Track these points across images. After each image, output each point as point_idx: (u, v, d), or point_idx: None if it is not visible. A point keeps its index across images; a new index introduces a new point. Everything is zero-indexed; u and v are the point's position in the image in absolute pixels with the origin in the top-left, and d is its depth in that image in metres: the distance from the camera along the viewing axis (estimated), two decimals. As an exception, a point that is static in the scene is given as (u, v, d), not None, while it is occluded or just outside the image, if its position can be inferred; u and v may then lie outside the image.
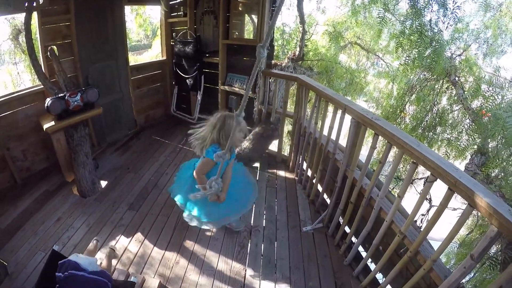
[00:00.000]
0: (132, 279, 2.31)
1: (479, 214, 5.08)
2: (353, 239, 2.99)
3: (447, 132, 5.96)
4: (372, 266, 2.72)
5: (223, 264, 3.05)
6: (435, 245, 2.06)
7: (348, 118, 2.88)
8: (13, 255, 3.16)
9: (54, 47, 4.10)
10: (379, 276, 2.68)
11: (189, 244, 3.29)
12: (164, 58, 6.07)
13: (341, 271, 2.93)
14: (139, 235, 3.40)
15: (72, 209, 3.77)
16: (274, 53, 6.70)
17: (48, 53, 4.00)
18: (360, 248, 2.96)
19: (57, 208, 3.82)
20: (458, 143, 5.47)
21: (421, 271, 2.02)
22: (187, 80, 5.58)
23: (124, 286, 2.29)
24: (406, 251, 2.17)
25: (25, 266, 3.04)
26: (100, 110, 4.23)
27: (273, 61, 4.72)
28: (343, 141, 3.17)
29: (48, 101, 3.70)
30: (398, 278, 2.35)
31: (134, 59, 10.86)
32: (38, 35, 4.10)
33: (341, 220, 3.21)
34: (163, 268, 3.01)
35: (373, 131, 2.51)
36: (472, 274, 4.38)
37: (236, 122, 2.01)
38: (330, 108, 3.54)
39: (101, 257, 2.88)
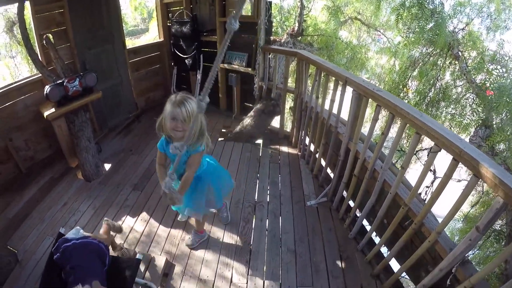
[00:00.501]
0: (138, 256, 2.32)
1: (484, 189, 5.09)
2: (358, 212, 2.97)
3: (451, 107, 5.84)
4: (377, 240, 2.70)
5: (228, 239, 3.07)
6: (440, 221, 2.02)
7: (349, 91, 2.82)
8: (22, 243, 3.19)
9: (49, 35, 4.06)
10: (384, 250, 2.68)
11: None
12: (162, 39, 5.95)
13: (346, 244, 2.92)
14: (144, 215, 3.42)
15: (77, 194, 3.79)
16: (273, 29, 6.57)
17: (44, 41, 3.97)
18: (365, 222, 2.95)
19: (63, 194, 3.84)
20: (461, 119, 5.38)
21: (426, 244, 1.98)
22: (186, 60, 5.47)
23: (129, 262, 2.28)
24: (410, 223, 2.14)
25: (34, 252, 3.07)
26: (99, 94, 4.20)
27: (272, 37, 4.62)
28: (345, 115, 3.13)
29: (47, 88, 3.66)
30: (403, 252, 2.33)
31: (132, 43, 10.72)
32: (32, 25, 4.02)
33: (345, 194, 3.18)
34: (169, 245, 3.04)
35: (374, 104, 2.46)
36: (476, 250, 4.39)
37: (199, 109, 1.49)
38: (331, 83, 3.49)
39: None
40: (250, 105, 5.06)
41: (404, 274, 2.40)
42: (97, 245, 2.15)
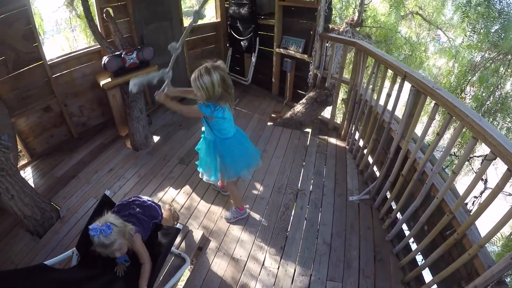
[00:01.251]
0: (177, 225, 2.40)
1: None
2: (398, 215, 2.92)
3: (509, 119, 5.51)
4: (414, 247, 2.65)
5: (266, 223, 3.13)
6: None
7: (407, 87, 2.76)
8: (65, 201, 3.46)
9: (110, 9, 4.27)
10: (419, 258, 2.63)
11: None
12: (219, 20, 6.04)
13: (382, 246, 2.89)
14: (187, 188, 3.58)
15: (124, 161, 4.03)
16: (332, 17, 6.46)
17: (104, 15, 4.20)
18: (404, 226, 2.90)
19: (110, 159, 4.10)
20: None
21: (465, 256, 1.92)
22: (241, 42, 5.56)
23: (169, 230, 2.41)
24: (452, 233, 2.08)
25: (76, 211, 3.32)
26: (155, 68, 4.37)
27: (330, 25, 4.56)
28: (399, 113, 3.08)
29: (105, 58, 3.90)
30: (439, 263, 2.27)
31: (187, 23, 10.91)
32: None
33: (388, 195, 3.14)
34: (208, 221, 3.17)
35: (432, 103, 2.40)
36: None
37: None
38: (389, 78, 3.42)
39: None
40: (303, 92, 5.06)
41: (435, 286, 2.34)
42: (159, 216, 2.52)
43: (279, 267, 2.72)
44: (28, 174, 4.00)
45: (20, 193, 2.88)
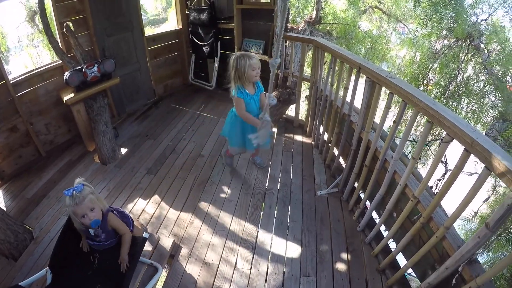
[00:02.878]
0: (144, 235, 2.39)
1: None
2: (368, 204, 2.87)
3: (473, 102, 5.54)
4: (386, 234, 2.58)
5: (236, 224, 3.05)
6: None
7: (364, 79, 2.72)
8: (38, 221, 3.29)
9: (69, 23, 4.10)
10: (392, 245, 2.57)
11: (203, 205, 3.31)
12: (180, 27, 5.89)
13: (354, 236, 2.83)
14: (156, 198, 3.45)
15: (93, 176, 3.85)
16: (291, 17, 6.42)
17: (64, 29, 4.02)
18: (375, 215, 2.86)
19: (79, 175, 3.82)
20: (483, 114, 5.12)
21: (433, 239, 1.88)
22: (203, 48, 5.45)
23: (136, 240, 2.34)
24: (419, 218, 2.03)
25: (49, 230, 3.15)
26: (117, 80, 4.23)
27: (289, 25, 4.51)
28: (359, 104, 3.04)
29: (66, 74, 3.73)
30: (411, 247, 2.23)
31: (153, 32, 10.79)
32: (52, 13, 4.07)
33: (356, 186, 3.08)
34: (178, 228, 3.06)
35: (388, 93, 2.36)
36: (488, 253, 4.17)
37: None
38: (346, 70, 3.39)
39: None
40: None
41: (410, 271, 2.32)
42: (130, 224, 2.39)
43: (251, 267, 2.62)
44: (-2, 198, 3.78)
45: None
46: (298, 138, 4.34)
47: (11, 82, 3.87)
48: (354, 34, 7.46)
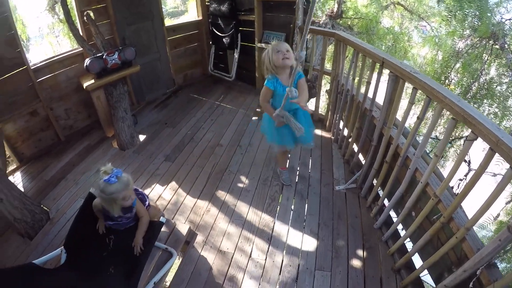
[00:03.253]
0: (161, 219, 2.44)
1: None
2: (386, 202, 2.87)
3: (495, 105, 5.40)
4: (403, 234, 2.59)
5: (253, 215, 3.10)
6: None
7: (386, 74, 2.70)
8: (55, 202, 3.41)
9: (90, 11, 4.20)
10: (409, 245, 2.57)
11: (221, 194, 3.37)
12: (200, 18, 5.95)
13: (370, 233, 2.84)
14: (173, 184, 3.54)
15: (111, 161, 3.96)
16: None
17: (85, 18, 4.13)
18: (393, 214, 2.86)
19: (98, 160, 4.03)
20: (506, 118, 5.04)
21: (453, 240, 1.86)
22: (223, 39, 5.49)
23: (153, 224, 2.41)
24: (439, 218, 2.03)
25: (65, 211, 3.27)
26: (137, 68, 4.32)
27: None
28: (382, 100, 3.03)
29: (87, 61, 3.82)
30: (428, 247, 2.23)
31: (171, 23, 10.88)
32: (73, 2, 4.18)
33: (374, 182, 3.09)
34: (194, 215, 3.13)
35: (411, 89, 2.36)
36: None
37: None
38: (368, 65, 3.38)
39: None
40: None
41: (426, 272, 2.30)
42: (146, 201, 2.57)
43: (266, 258, 2.67)
44: (17, 179, 3.94)
45: (9, 196, 2.85)
46: (318, 132, 4.35)
47: (32, 68, 4.01)
48: (376, 30, 7.38)
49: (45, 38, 7.70)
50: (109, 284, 2.14)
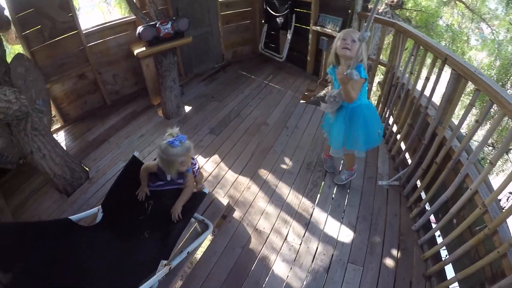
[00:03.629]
0: (204, 190, 2.50)
1: None
2: (427, 206, 2.86)
3: None
4: (440, 240, 2.58)
5: (293, 198, 3.17)
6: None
7: (445, 73, 2.66)
8: (95, 163, 3.64)
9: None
10: (444, 253, 2.56)
11: (263, 173, 3.46)
12: (255, -5, 5.99)
13: (407, 234, 2.83)
14: (216, 157, 3.68)
15: (155, 128, 4.15)
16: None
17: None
18: (433, 218, 2.84)
19: (142, 126, 4.24)
20: None
21: (494, 254, 1.83)
22: (277, 19, 5.51)
23: (195, 194, 2.49)
24: (481, 229, 1.99)
25: (105, 173, 3.49)
26: (189, 39, 4.44)
27: (369, 5, 4.44)
28: (436, 99, 2.99)
29: (139, 28, 3.97)
30: (464, 259, 2.20)
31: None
32: None
33: (418, 184, 3.08)
34: (234, 190, 3.25)
35: (470, 90, 2.31)
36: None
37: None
38: (428, 61, 3.33)
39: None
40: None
41: (456, 284, 2.26)
42: (196, 164, 2.66)
43: (301, 243, 2.74)
44: (60, 137, 4.20)
45: (51, 152, 3.05)
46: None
47: (84, 32, 4.24)
48: (435, 26, 7.15)
49: (97, 7, 7.96)
50: (142, 247, 2.24)
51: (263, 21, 5.99)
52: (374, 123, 2.80)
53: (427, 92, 3.03)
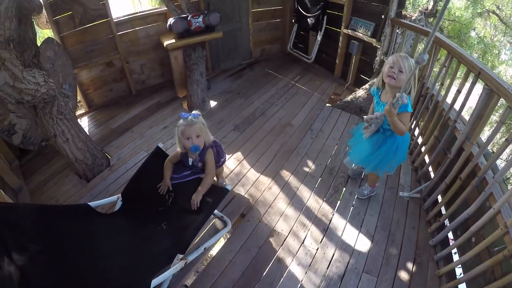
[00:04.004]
0: (227, 186, 2.54)
1: None
2: (446, 222, 2.87)
3: None
4: (456, 257, 2.58)
5: (313, 202, 3.21)
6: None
7: (477, 87, 2.65)
8: (117, 151, 3.76)
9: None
10: (458, 270, 2.55)
11: (285, 174, 3.50)
12: (287, -6, 6.04)
13: (424, 249, 2.83)
14: (239, 155, 3.75)
15: (179, 120, 4.22)
16: (405, 3, 6.23)
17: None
18: (450, 235, 2.82)
19: (166, 117, 4.36)
20: None
21: (510, 276, 1.84)
22: (308, 19, 5.55)
23: (217, 189, 2.53)
24: (501, 250, 1.99)
25: (126, 161, 3.60)
26: (220, 34, 4.54)
27: (403, 11, 4.42)
28: (466, 112, 2.97)
29: (171, 20, 4.09)
30: (479, 279, 2.20)
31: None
32: None
33: (439, 199, 3.08)
34: (255, 189, 3.31)
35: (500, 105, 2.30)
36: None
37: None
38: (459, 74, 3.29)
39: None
40: (367, 78, 4.99)
41: None
42: (224, 155, 2.86)
43: (318, 248, 2.79)
44: (84, 123, 4.35)
45: (75, 137, 3.18)
46: (390, 132, 4.33)
47: (115, 20, 4.39)
48: (467, 37, 7.05)
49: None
50: (159, 239, 2.29)
51: (293, 20, 6.05)
52: (402, 155, 2.80)
53: (456, 105, 3.03)
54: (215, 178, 3.20)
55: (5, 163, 3.36)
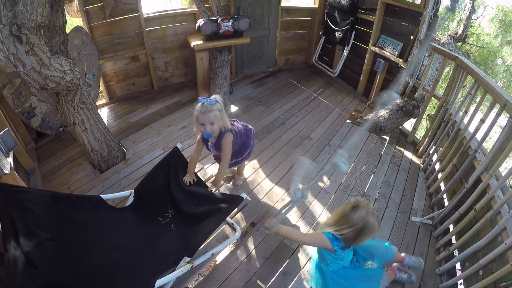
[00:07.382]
0: (242, 195, 2.55)
1: None
2: (455, 252, 2.85)
3: None
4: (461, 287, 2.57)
5: (325, 218, 3.21)
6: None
7: (502, 118, 2.69)
8: (134, 145, 3.85)
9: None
10: None
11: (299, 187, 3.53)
12: (316, 6, 6.14)
13: (430, 276, 2.81)
14: (255, 163, 3.79)
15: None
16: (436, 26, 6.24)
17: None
18: (458, 265, 2.81)
19: (185, 117, 4.44)
20: None
21: None
22: (336, 33, 5.60)
23: (233, 196, 2.57)
24: (508, 286, 2.03)
25: (142, 157, 3.68)
26: (248, 40, 4.65)
27: (433, 34, 4.45)
28: (488, 143, 2.98)
29: (200, 21, 4.21)
30: None
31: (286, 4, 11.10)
32: None
33: (451, 228, 3.08)
34: (268, 199, 3.34)
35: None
36: None
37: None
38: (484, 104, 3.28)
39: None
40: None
41: None
42: (251, 142, 3.08)
43: (327, 268, 2.80)
44: (103, 114, 4.47)
45: (93, 127, 3.26)
46: (408, 154, 4.37)
47: (144, 16, 4.52)
48: (493, 65, 6.99)
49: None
50: (167, 240, 2.33)
51: (321, 33, 6.12)
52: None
53: (478, 135, 3.04)
54: (236, 175, 3.38)
55: (22, 145, 3.44)
